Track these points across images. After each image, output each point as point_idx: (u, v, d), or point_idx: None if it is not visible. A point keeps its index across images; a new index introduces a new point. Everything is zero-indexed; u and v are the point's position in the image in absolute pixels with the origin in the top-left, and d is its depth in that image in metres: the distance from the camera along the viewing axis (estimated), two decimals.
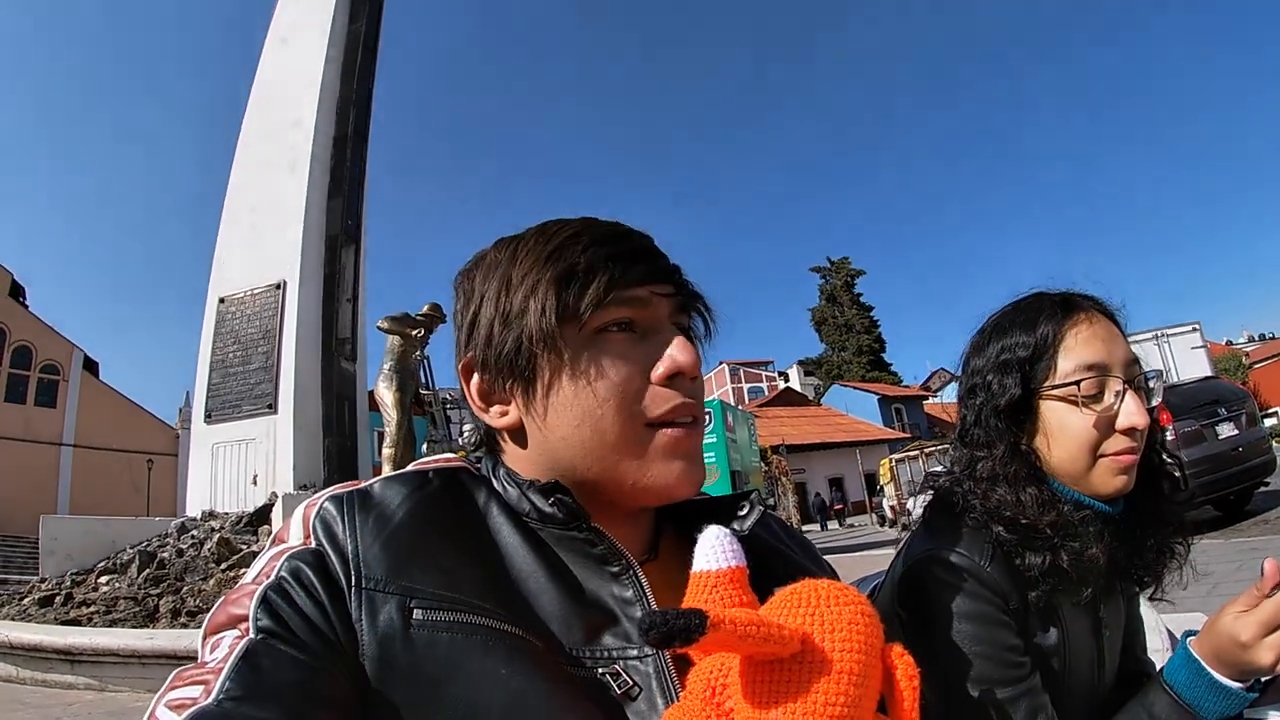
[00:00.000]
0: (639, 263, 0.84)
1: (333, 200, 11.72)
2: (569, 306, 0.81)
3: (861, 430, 48.49)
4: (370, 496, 0.79)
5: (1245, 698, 1.06)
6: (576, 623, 0.75)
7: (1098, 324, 1.23)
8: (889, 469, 28.47)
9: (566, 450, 0.83)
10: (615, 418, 0.80)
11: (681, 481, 0.82)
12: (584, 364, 0.81)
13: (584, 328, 0.81)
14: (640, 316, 0.84)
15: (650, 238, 0.91)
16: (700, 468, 0.85)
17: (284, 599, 0.68)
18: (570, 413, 0.81)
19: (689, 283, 0.91)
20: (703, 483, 0.86)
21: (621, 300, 0.82)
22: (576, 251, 0.82)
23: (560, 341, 0.81)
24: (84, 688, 5.68)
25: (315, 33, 12.45)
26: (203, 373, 11.29)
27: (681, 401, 0.82)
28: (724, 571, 0.66)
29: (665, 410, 0.81)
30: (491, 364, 0.86)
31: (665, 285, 0.86)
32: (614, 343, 0.82)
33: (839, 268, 74.06)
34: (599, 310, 0.81)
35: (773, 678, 0.58)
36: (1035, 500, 1.18)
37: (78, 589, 7.87)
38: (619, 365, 0.81)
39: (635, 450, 0.81)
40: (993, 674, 1.11)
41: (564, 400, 0.82)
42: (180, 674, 0.65)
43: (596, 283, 0.81)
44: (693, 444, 0.84)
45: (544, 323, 0.81)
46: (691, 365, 0.82)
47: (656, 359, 0.83)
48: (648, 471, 0.81)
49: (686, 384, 0.83)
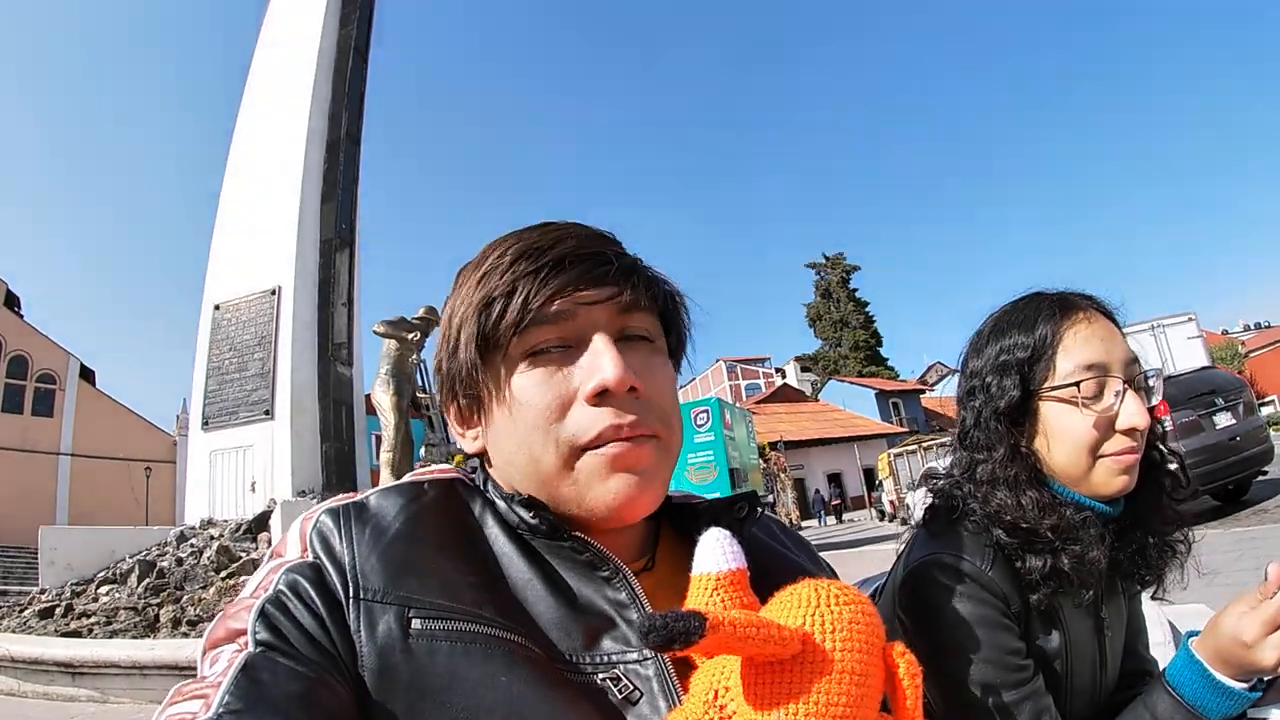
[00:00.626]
0: (558, 273, 0.79)
1: (326, 204, 11.74)
2: (489, 336, 0.80)
3: (859, 425, 48.43)
4: (366, 508, 0.78)
5: (1248, 698, 1.06)
6: (575, 629, 0.75)
7: (1096, 323, 1.22)
8: (888, 463, 28.47)
9: (515, 474, 0.83)
10: (543, 446, 0.78)
11: (622, 502, 0.78)
12: (509, 393, 0.80)
13: (508, 353, 0.80)
14: (568, 331, 0.80)
15: (598, 238, 0.86)
16: (651, 484, 0.80)
17: (282, 612, 0.68)
18: (508, 441, 0.81)
19: (645, 282, 0.85)
20: (655, 501, 0.82)
21: (541, 319, 0.78)
22: (498, 274, 0.81)
23: (485, 373, 0.81)
24: (86, 700, 5.70)
25: (307, 37, 12.48)
26: (199, 380, 11.29)
27: (611, 424, 0.77)
28: (724, 574, 0.66)
29: (592, 435, 0.77)
30: (451, 395, 0.88)
31: (600, 289, 0.80)
32: (541, 365, 0.79)
33: (834, 263, 74.04)
34: (518, 335, 0.79)
35: (774, 679, 0.57)
36: (1036, 504, 1.17)
37: (78, 600, 7.90)
38: (542, 390, 0.78)
39: (568, 476, 0.78)
40: (996, 677, 1.11)
41: (502, 429, 0.82)
42: (180, 689, 0.65)
43: (511, 307, 0.78)
44: (636, 459, 0.78)
45: (468, 356, 0.81)
46: (619, 379, 0.76)
47: (585, 376, 0.78)
48: (586, 496, 0.78)
49: (624, 400, 0.78)
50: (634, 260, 0.86)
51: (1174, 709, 1.09)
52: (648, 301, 0.85)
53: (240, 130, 12.79)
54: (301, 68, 12.29)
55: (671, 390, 0.86)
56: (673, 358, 0.92)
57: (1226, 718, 1.07)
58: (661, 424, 0.82)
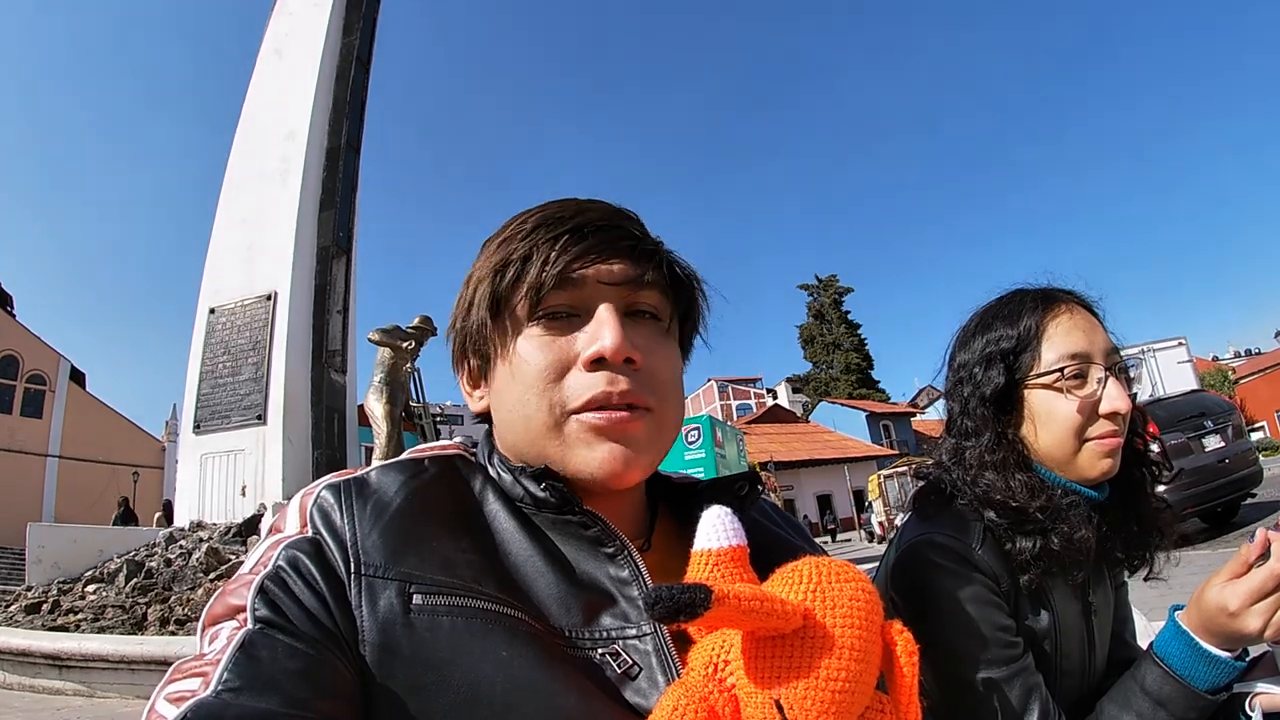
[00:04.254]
0: (575, 241, 0.80)
1: (324, 212, 11.75)
2: (502, 297, 0.82)
3: (849, 447, 48.23)
4: (367, 484, 0.79)
5: (1234, 667, 1.08)
6: (574, 605, 0.75)
7: (1078, 315, 1.28)
8: (878, 485, 28.31)
9: (510, 435, 0.84)
10: (536, 405, 0.80)
11: (606, 469, 0.79)
12: (514, 353, 0.81)
13: (516, 316, 0.82)
14: (576, 298, 0.82)
15: (618, 214, 0.87)
16: (640, 454, 0.81)
17: (281, 588, 0.68)
18: (505, 400, 0.83)
19: (660, 261, 0.86)
20: (643, 472, 0.83)
21: (552, 284, 0.79)
22: (518, 239, 0.82)
23: (493, 332, 0.83)
24: (72, 693, 5.68)
25: (309, 45, 12.53)
26: (192, 383, 11.25)
27: (603, 390, 0.78)
28: (725, 550, 0.67)
29: (584, 400, 0.79)
30: (462, 354, 0.90)
31: (612, 262, 0.82)
32: (543, 328, 0.81)
33: (827, 285, 73.92)
34: (527, 298, 0.80)
35: (775, 653, 0.58)
36: (1025, 485, 1.22)
37: (65, 597, 7.85)
38: (543, 352, 0.80)
39: (557, 439, 0.80)
40: (987, 654, 1.14)
41: (501, 388, 0.84)
42: (179, 666, 0.65)
43: (526, 271, 0.80)
44: (625, 429, 0.79)
45: (478, 314, 0.83)
46: (615, 347, 0.78)
47: (586, 342, 0.80)
48: (571, 459, 0.80)
49: (619, 369, 0.79)
50: (655, 240, 0.87)
51: (1163, 680, 1.12)
52: (660, 281, 0.85)
53: (240, 134, 12.79)
54: (304, 74, 12.33)
55: (671, 368, 0.86)
56: (684, 342, 0.94)
57: (1214, 687, 1.09)
58: (654, 397, 0.82)
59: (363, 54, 12.90)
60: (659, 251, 0.86)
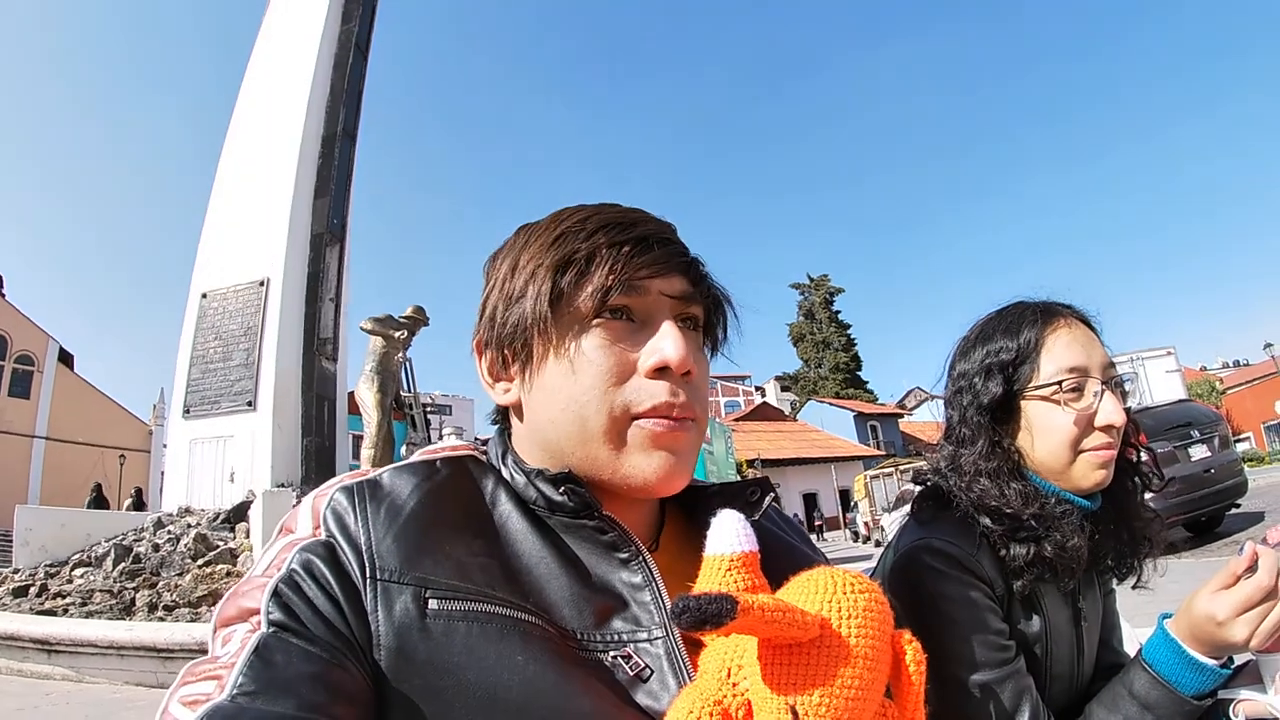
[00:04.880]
0: (641, 251, 0.81)
1: (319, 199, 11.73)
2: (563, 293, 0.81)
3: (837, 446, 48.30)
4: (381, 486, 0.79)
5: (1220, 674, 1.11)
6: (586, 608, 0.76)
7: (1077, 329, 1.31)
8: (864, 485, 28.45)
9: (554, 433, 0.83)
10: (597, 407, 0.79)
11: (660, 477, 0.80)
12: (573, 350, 0.81)
13: (578, 314, 0.81)
14: (638, 305, 0.82)
15: (668, 226, 0.89)
16: (686, 465, 0.83)
17: (296, 592, 0.68)
18: (557, 398, 0.81)
19: (705, 277, 0.89)
20: (685, 481, 0.84)
21: (617, 288, 0.80)
22: (579, 238, 0.82)
23: (552, 326, 0.81)
24: (61, 678, 5.67)
25: (308, 32, 12.48)
26: (182, 367, 11.23)
27: (666, 400, 0.79)
28: (738, 555, 0.67)
29: (648, 406, 0.79)
30: (495, 343, 0.88)
31: (672, 276, 0.84)
32: (606, 331, 0.81)
33: (818, 285, 73.83)
34: (593, 298, 0.80)
35: (791, 661, 0.59)
36: (1019, 494, 1.24)
37: (52, 580, 7.84)
38: (606, 354, 0.80)
39: (614, 441, 0.80)
40: (980, 657, 1.16)
41: (553, 385, 0.82)
42: (192, 669, 0.65)
43: (593, 270, 0.80)
44: (677, 439, 0.81)
45: (538, 307, 0.81)
46: (680, 360, 0.79)
47: (649, 351, 0.81)
48: (625, 464, 0.80)
49: (678, 380, 0.81)
50: (696, 256, 0.89)
51: (1150, 685, 1.14)
52: (703, 296, 0.88)
53: (237, 120, 12.75)
54: (302, 61, 12.29)
55: (707, 380, 0.89)
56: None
57: (1200, 693, 1.12)
58: (701, 408, 0.85)
59: (362, 41, 12.86)
60: (702, 268, 0.89)
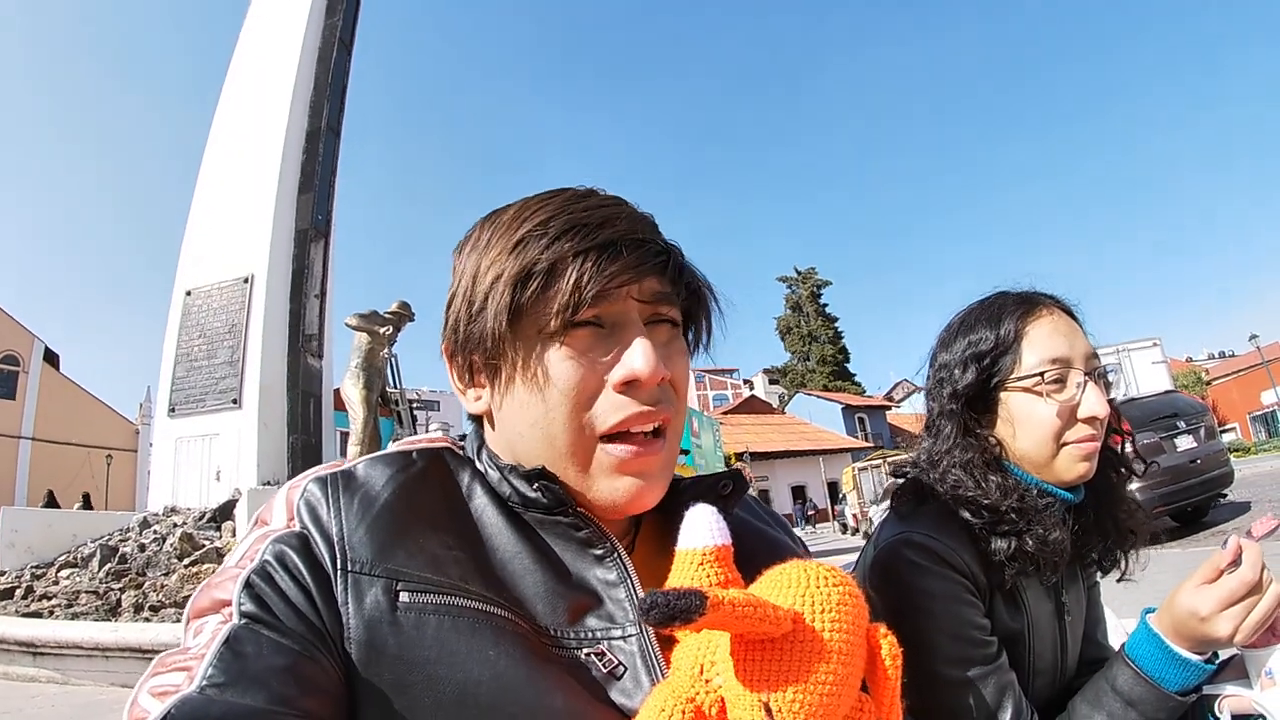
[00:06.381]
0: (610, 259, 0.76)
1: (303, 195, 11.60)
2: (524, 308, 0.78)
3: (825, 439, 48.45)
4: (354, 478, 0.78)
5: (1204, 669, 1.11)
6: (560, 605, 0.75)
7: (1059, 319, 1.29)
8: (852, 477, 28.59)
9: (523, 446, 0.82)
10: (564, 426, 0.78)
11: (629, 500, 0.79)
12: (537, 367, 0.78)
13: (542, 328, 0.78)
14: (607, 312, 0.78)
15: (643, 222, 0.84)
16: (657, 485, 0.82)
17: (268, 583, 0.68)
18: (525, 414, 0.80)
19: (684, 271, 0.85)
20: (656, 499, 0.82)
21: (584, 305, 0.76)
22: (541, 244, 0.78)
23: (515, 343, 0.79)
24: (46, 680, 5.63)
25: (291, 26, 12.32)
26: (167, 366, 11.09)
27: (637, 411, 0.77)
28: (710, 549, 0.66)
29: (617, 421, 0.77)
30: (460, 352, 0.85)
31: (644, 280, 0.80)
32: (572, 344, 0.77)
33: (805, 277, 74.10)
34: (556, 316, 0.76)
35: (764, 656, 0.59)
36: (999, 486, 1.24)
37: (38, 582, 7.76)
38: (573, 370, 0.77)
39: (581, 463, 0.79)
40: (962, 652, 1.16)
41: (521, 399, 0.80)
42: (163, 659, 0.65)
43: (555, 283, 0.76)
44: (645, 464, 0.79)
45: (497, 324, 0.78)
46: (651, 373, 0.76)
47: (616, 362, 0.78)
48: (593, 487, 0.79)
49: (650, 391, 0.79)
50: (676, 250, 0.85)
51: (1134, 681, 1.14)
52: (681, 294, 0.85)
53: (220, 115, 12.59)
54: (285, 56, 12.14)
55: (685, 373, 0.86)
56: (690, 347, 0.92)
57: (1184, 689, 1.11)
58: (673, 408, 0.82)
59: (345, 36, 12.70)
60: (681, 264, 0.85)
